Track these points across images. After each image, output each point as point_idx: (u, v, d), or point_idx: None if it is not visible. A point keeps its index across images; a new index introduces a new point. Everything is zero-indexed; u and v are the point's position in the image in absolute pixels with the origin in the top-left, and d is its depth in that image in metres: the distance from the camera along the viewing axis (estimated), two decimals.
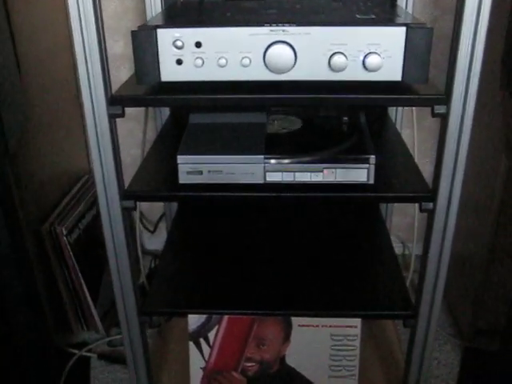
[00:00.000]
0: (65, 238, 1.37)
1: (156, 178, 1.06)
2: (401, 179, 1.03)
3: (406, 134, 1.34)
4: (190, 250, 1.33)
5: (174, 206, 1.54)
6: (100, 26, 0.86)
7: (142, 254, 1.78)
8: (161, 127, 1.35)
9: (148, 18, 1.31)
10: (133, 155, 1.72)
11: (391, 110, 1.40)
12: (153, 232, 1.80)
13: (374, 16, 0.97)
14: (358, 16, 0.97)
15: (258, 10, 1.05)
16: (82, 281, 1.43)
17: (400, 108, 1.38)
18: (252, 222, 1.42)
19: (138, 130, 1.69)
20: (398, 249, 1.62)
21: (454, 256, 1.02)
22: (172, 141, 1.08)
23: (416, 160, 1.14)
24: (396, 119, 1.40)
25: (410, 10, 1.28)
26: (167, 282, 1.21)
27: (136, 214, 1.50)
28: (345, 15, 0.99)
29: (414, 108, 1.35)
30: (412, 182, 1.02)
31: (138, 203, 1.00)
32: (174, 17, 1.06)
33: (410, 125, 1.45)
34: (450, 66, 0.88)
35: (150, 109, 1.46)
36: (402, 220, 1.82)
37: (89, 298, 1.45)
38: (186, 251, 1.33)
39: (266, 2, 1.19)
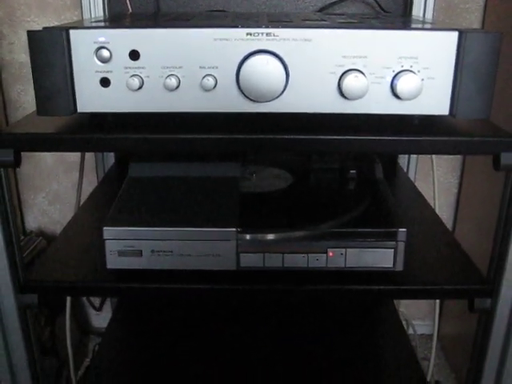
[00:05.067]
0: None
1: (77, 258, 0.71)
2: (437, 262, 0.70)
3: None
4: (132, 347, 0.99)
5: None
6: None
7: (86, 333, 1.47)
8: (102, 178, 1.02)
9: None
10: None
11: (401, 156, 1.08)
12: (98, 309, 1.44)
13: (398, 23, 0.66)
14: (376, 23, 0.66)
15: (236, 17, 0.74)
16: None
17: (414, 155, 1.07)
18: (222, 317, 1.07)
19: (85, 184, 1.36)
20: None
21: None
22: (111, 201, 0.74)
23: None
24: (408, 167, 1.08)
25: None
26: None
27: None
28: (358, 23, 0.67)
29: (434, 158, 1.03)
30: (455, 267, 0.69)
31: None
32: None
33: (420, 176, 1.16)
34: None
35: (90, 156, 1.13)
36: None
37: None
38: (126, 348, 0.98)
39: (250, 13, 0.88)
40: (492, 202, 1.12)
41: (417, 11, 1.01)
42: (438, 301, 1.15)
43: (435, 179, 1.03)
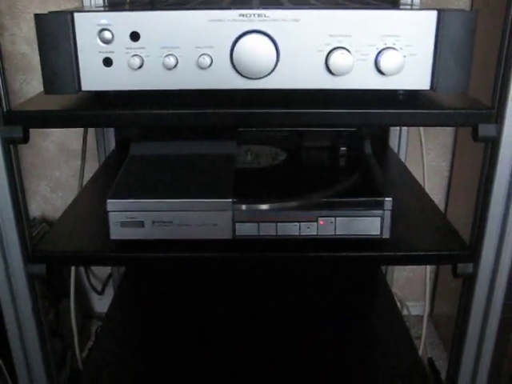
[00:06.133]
0: None
1: (82, 231, 0.75)
2: (423, 231, 0.74)
3: None
4: (133, 328, 1.02)
5: None
6: None
7: (89, 318, 1.50)
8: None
9: None
10: None
11: (392, 141, 1.12)
12: (100, 293, 1.48)
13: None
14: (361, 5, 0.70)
15: (231, 2, 0.78)
16: None
17: (404, 137, 1.11)
18: (219, 287, 1.11)
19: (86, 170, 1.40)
20: None
21: None
22: (113, 180, 0.78)
23: None
24: (399, 151, 1.12)
25: None
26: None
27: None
28: (344, 4, 0.71)
29: (423, 139, 1.07)
30: (440, 235, 0.74)
31: None
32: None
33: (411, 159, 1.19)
34: (501, 74, 0.61)
35: (92, 141, 1.17)
36: (399, 273, 1.55)
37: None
38: (128, 328, 1.02)
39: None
40: None
41: None
42: (428, 281, 1.19)
43: (424, 158, 1.07)
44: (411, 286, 1.58)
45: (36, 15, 0.60)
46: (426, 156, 1.10)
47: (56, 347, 1.30)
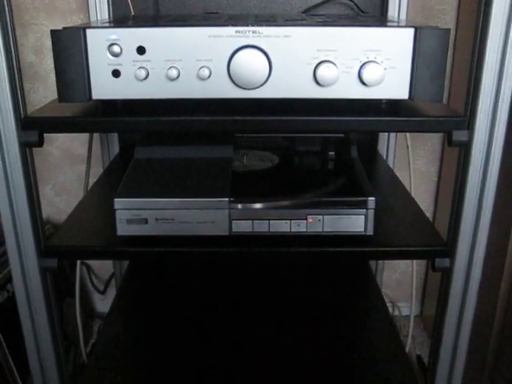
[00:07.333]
0: None
1: (89, 229, 0.81)
2: (405, 229, 0.80)
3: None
4: (136, 325, 1.07)
5: (124, 263, 1.28)
6: None
7: (91, 317, 1.55)
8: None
9: None
10: None
11: (381, 147, 1.19)
12: (103, 293, 1.53)
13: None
14: (346, 22, 0.76)
15: (228, 18, 0.84)
16: (7, 350, 1.15)
17: (392, 143, 1.17)
18: (218, 282, 1.17)
19: (90, 174, 1.45)
20: None
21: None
22: (117, 182, 0.84)
23: None
24: (387, 157, 1.19)
25: None
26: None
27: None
28: (332, 22, 0.77)
29: (409, 143, 1.14)
30: (420, 233, 0.80)
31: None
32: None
33: (401, 165, 1.25)
34: (472, 85, 0.68)
35: (97, 146, 1.23)
36: (390, 276, 1.60)
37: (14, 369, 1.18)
38: (131, 326, 1.07)
39: (240, 15, 0.99)
40: None
41: (392, 12, 1.11)
42: (414, 280, 1.24)
43: (411, 162, 1.13)
44: (402, 288, 1.62)
45: (52, 31, 0.66)
46: (412, 161, 1.16)
47: None
